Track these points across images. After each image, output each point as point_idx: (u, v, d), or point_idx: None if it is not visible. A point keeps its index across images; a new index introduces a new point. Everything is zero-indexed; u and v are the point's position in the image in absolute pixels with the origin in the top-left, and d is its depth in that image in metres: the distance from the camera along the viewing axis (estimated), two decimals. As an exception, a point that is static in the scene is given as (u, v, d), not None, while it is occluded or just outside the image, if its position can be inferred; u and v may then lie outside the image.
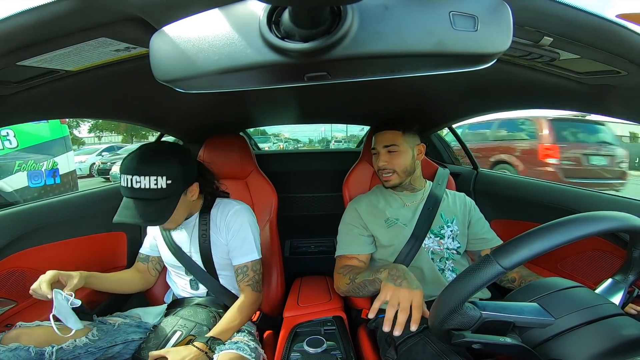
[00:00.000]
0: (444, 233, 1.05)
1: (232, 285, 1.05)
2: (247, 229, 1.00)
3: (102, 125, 21.79)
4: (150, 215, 0.83)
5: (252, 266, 0.99)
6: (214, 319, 0.94)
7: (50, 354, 0.76)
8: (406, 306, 0.70)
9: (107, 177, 8.74)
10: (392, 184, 1.06)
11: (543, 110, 1.79)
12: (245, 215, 1.02)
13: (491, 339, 0.51)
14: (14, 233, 0.95)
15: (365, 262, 1.05)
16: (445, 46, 0.29)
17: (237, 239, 0.99)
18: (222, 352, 0.80)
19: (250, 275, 0.99)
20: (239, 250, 0.99)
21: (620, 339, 0.46)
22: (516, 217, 1.11)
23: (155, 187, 0.82)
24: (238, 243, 0.99)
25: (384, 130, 1.06)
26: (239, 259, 0.99)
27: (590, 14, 0.44)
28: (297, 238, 1.89)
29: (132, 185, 0.82)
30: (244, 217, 1.01)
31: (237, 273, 0.99)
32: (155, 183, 0.82)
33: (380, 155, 1.05)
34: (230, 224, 1.00)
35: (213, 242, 1.00)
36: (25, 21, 0.43)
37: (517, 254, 0.46)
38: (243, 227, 1.00)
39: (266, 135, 13.86)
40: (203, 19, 0.32)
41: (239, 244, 0.99)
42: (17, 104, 0.68)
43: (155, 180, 0.82)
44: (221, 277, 1.04)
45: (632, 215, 0.50)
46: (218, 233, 1.00)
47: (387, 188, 1.12)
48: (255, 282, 0.99)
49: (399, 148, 1.04)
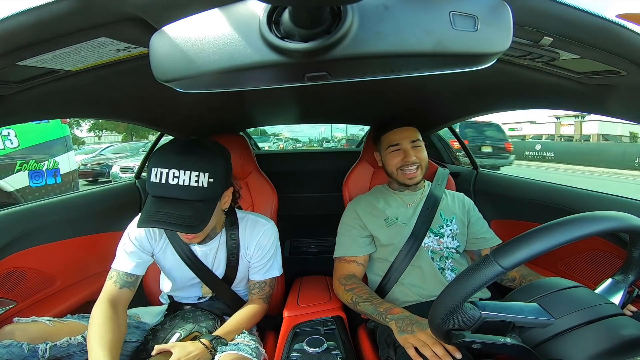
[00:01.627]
0: (443, 232, 1.05)
1: (242, 293, 1.05)
2: (275, 248, 0.99)
3: (102, 125, 21.78)
4: (189, 219, 0.70)
5: (270, 282, 0.99)
6: (213, 322, 0.94)
7: (44, 351, 0.74)
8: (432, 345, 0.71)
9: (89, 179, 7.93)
10: (417, 180, 1.05)
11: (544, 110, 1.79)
12: (275, 234, 0.99)
13: (491, 339, 0.51)
14: (14, 233, 0.95)
15: (364, 263, 1.06)
16: (445, 46, 0.29)
17: (264, 259, 0.97)
18: (223, 354, 0.79)
19: (266, 290, 0.98)
20: (262, 269, 0.97)
21: (620, 339, 0.46)
22: (516, 217, 1.11)
23: (196, 185, 0.71)
24: (263, 262, 0.97)
25: (405, 126, 1.06)
26: (260, 276, 0.97)
27: (590, 14, 0.44)
28: (297, 238, 1.89)
29: (167, 181, 0.70)
30: (274, 237, 0.99)
31: (254, 287, 0.98)
32: (196, 180, 0.71)
33: (408, 151, 1.03)
34: (262, 244, 0.96)
35: (241, 264, 0.97)
36: (25, 21, 0.43)
37: (517, 254, 0.46)
38: (272, 246, 0.98)
39: (266, 135, 13.84)
40: (203, 19, 0.32)
41: (264, 262, 0.97)
42: (17, 104, 0.68)
43: (197, 176, 0.71)
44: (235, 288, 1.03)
45: (632, 215, 0.50)
46: (247, 253, 0.96)
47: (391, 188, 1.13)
48: (268, 295, 0.99)
49: (421, 143, 1.05)
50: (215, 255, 0.95)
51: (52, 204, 1.14)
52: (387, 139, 1.07)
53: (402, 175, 1.05)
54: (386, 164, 1.09)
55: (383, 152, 1.09)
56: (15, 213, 1.01)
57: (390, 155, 1.06)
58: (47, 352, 0.75)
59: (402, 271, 1.01)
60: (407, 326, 0.78)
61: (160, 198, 0.72)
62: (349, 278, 1.01)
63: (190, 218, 0.71)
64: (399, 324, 0.80)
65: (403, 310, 0.84)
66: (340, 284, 1.01)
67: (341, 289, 1.00)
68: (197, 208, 0.73)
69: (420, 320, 0.79)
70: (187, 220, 0.71)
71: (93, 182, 7.88)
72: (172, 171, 0.70)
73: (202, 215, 0.73)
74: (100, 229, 1.24)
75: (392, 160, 1.05)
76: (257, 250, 0.96)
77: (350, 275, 1.02)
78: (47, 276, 1.05)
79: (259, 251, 0.96)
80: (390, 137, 1.06)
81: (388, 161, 1.07)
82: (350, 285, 0.98)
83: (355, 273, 1.03)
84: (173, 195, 0.71)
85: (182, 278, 0.97)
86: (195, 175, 0.71)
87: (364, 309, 0.91)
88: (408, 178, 1.04)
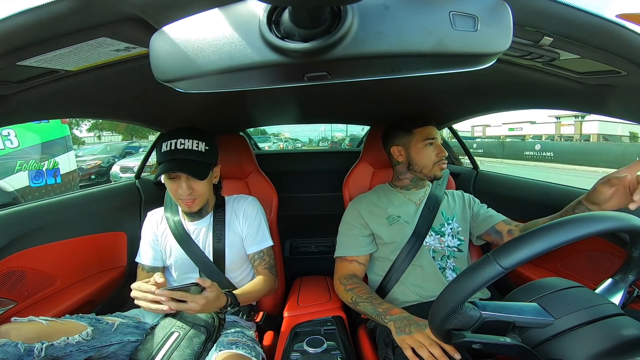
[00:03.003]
0: (444, 231, 1.05)
1: (237, 281, 1.07)
2: (261, 218, 1.10)
3: (102, 125, 21.78)
4: (193, 170, 0.91)
5: (267, 251, 1.08)
6: (212, 319, 0.94)
7: (40, 350, 0.74)
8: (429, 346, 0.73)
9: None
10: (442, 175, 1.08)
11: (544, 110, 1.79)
12: (258, 205, 1.12)
13: (491, 339, 0.51)
14: (14, 233, 0.95)
15: (365, 263, 1.06)
16: (445, 46, 0.29)
17: (253, 227, 1.07)
18: (220, 352, 0.79)
19: (267, 259, 1.07)
20: (255, 238, 1.07)
21: (620, 339, 0.46)
22: (516, 217, 1.11)
23: (197, 149, 0.93)
24: (254, 231, 1.07)
25: (432, 125, 1.08)
26: (255, 246, 1.06)
27: (590, 14, 0.44)
28: (297, 238, 1.89)
29: (175, 147, 0.92)
30: (258, 207, 1.11)
31: (254, 259, 1.07)
32: (197, 146, 0.93)
33: (441, 147, 1.07)
34: (248, 213, 1.08)
35: (228, 242, 1.04)
36: (25, 21, 0.43)
37: (517, 253, 0.46)
38: (258, 216, 1.09)
39: (266, 135, 13.84)
40: (203, 18, 0.32)
41: (254, 231, 1.07)
42: (17, 104, 0.68)
43: (197, 143, 0.94)
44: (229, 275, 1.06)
45: (631, 215, 0.50)
46: (237, 225, 1.07)
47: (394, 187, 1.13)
48: (272, 265, 1.08)
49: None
50: (205, 235, 1.05)
51: (52, 204, 1.14)
52: (424, 133, 1.06)
53: (436, 168, 1.06)
54: (421, 158, 1.06)
55: (414, 146, 1.06)
56: (15, 213, 1.02)
57: (426, 148, 1.05)
58: (42, 352, 0.74)
59: (403, 270, 1.01)
60: (405, 327, 0.78)
61: (172, 160, 0.92)
62: (350, 278, 1.01)
63: (194, 170, 0.92)
64: (397, 324, 0.80)
65: (402, 311, 0.84)
66: (341, 284, 1.01)
67: (342, 289, 1.00)
68: (200, 165, 0.94)
69: (419, 321, 0.79)
70: (193, 170, 0.92)
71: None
72: (179, 140, 0.93)
73: (203, 170, 0.94)
74: (100, 229, 1.24)
75: (430, 153, 1.05)
76: (246, 220, 1.08)
77: (351, 275, 1.02)
78: (47, 276, 1.05)
79: (247, 220, 1.08)
80: (426, 131, 1.06)
81: (424, 154, 1.06)
82: (350, 284, 0.98)
83: (356, 273, 1.03)
84: (181, 156, 0.92)
85: (180, 263, 1.05)
86: (195, 142, 0.94)
87: (364, 309, 0.91)
88: (442, 169, 1.07)
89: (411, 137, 1.07)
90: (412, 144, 1.07)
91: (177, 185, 0.94)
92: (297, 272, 1.50)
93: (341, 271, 1.05)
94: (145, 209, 1.42)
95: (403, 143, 1.10)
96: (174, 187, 0.94)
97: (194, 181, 0.94)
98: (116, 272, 1.28)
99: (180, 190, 0.94)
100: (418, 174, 1.08)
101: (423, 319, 0.79)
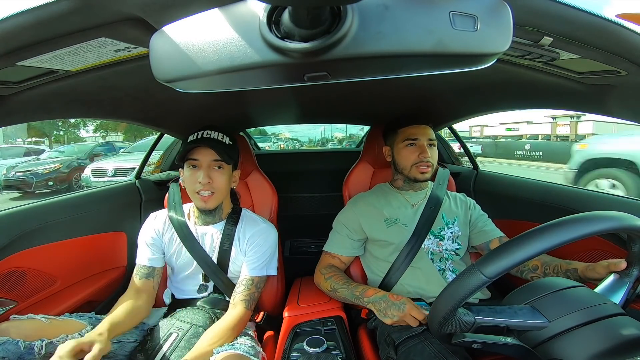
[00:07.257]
0: (444, 235, 1.05)
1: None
2: (267, 248, 1.02)
3: (106, 125, 21.73)
4: (219, 151, 0.92)
5: (258, 282, 1.00)
6: (210, 320, 0.94)
7: (40, 348, 0.74)
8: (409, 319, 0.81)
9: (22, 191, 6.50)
10: (427, 177, 1.04)
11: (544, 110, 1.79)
12: (270, 235, 1.05)
13: (491, 339, 0.51)
14: (14, 233, 0.95)
15: (347, 263, 1.11)
16: (445, 46, 0.29)
17: (255, 254, 1.01)
18: (220, 353, 0.79)
19: (252, 290, 0.98)
20: (253, 265, 1.00)
21: (620, 339, 0.46)
22: (516, 217, 1.11)
23: (223, 140, 0.96)
24: (254, 258, 1.01)
25: (424, 124, 1.05)
26: (249, 272, 0.99)
27: (590, 14, 0.44)
28: (297, 238, 1.89)
29: (202, 136, 0.94)
30: (267, 237, 1.04)
31: (240, 284, 0.99)
32: (222, 138, 0.96)
33: (425, 148, 1.01)
34: (253, 241, 1.02)
35: (232, 255, 1.02)
36: (25, 21, 0.43)
37: (499, 263, 0.47)
38: (265, 245, 1.02)
39: (266, 135, 13.81)
40: (203, 19, 0.32)
41: (255, 258, 1.00)
42: (17, 104, 0.68)
43: (222, 136, 0.97)
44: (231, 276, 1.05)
45: (623, 212, 0.51)
46: (239, 249, 1.02)
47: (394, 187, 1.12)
48: (252, 299, 0.97)
49: (435, 143, 1.05)
50: (214, 239, 1.03)
51: (52, 204, 1.14)
52: (406, 132, 1.03)
53: (415, 171, 1.02)
54: (400, 158, 1.05)
55: (397, 146, 1.05)
56: (15, 213, 1.01)
57: (406, 149, 1.02)
58: (43, 349, 0.74)
59: (402, 272, 1.01)
60: (386, 309, 0.83)
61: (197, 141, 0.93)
62: (329, 267, 1.06)
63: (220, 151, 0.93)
64: (377, 306, 0.85)
65: (377, 291, 0.89)
66: (321, 274, 1.05)
67: (322, 278, 1.04)
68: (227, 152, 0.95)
69: (395, 300, 0.84)
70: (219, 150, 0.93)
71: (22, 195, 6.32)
72: (206, 131, 0.96)
73: (226, 157, 0.94)
74: (100, 229, 1.24)
75: (409, 155, 1.02)
76: (249, 246, 1.02)
77: (330, 265, 1.07)
78: (47, 276, 1.05)
79: (251, 246, 1.02)
80: (409, 130, 1.03)
81: (403, 155, 1.03)
82: (329, 273, 1.02)
83: (336, 265, 1.08)
84: (208, 143, 0.93)
85: (183, 264, 1.03)
86: (221, 135, 0.97)
87: (343, 295, 0.95)
88: (422, 172, 1.02)
89: (395, 137, 1.07)
90: (395, 143, 1.06)
91: (197, 174, 0.92)
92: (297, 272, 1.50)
93: (323, 263, 1.09)
94: (145, 209, 1.42)
95: (389, 143, 1.09)
96: (193, 177, 0.93)
97: (213, 172, 0.94)
98: (116, 272, 1.28)
99: (199, 179, 0.91)
100: (403, 176, 1.07)
101: (399, 296, 0.85)
